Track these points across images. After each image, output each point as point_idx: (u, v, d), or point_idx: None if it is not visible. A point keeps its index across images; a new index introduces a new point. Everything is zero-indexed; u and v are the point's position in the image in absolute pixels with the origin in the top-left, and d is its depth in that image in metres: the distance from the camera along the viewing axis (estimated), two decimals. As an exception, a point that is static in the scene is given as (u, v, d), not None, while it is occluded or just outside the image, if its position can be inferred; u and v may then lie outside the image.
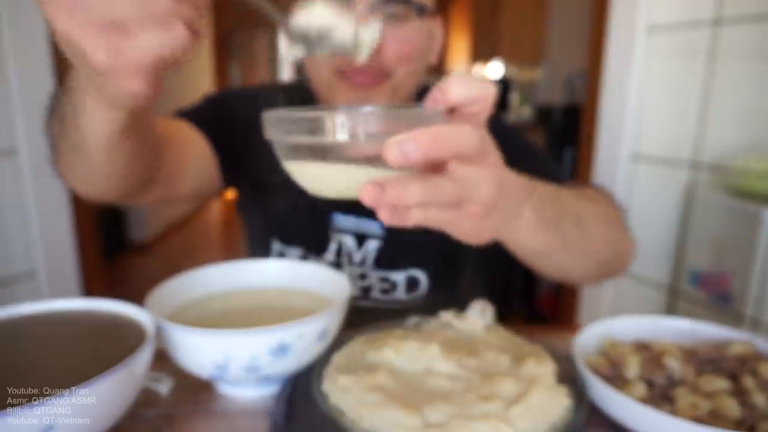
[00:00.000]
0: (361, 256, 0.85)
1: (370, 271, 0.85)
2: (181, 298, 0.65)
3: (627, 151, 1.71)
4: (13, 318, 0.55)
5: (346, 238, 0.85)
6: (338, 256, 0.86)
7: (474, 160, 0.34)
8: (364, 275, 0.86)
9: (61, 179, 0.61)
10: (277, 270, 0.72)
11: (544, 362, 0.56)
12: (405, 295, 0.86)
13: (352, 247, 0.85)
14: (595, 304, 1.87)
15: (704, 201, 1.65)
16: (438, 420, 0.47)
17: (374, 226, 0.84)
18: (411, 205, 0.33)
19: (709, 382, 0.55)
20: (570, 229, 0.49)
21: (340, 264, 0.86)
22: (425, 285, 0.85)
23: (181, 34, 0.33)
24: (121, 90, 0.35)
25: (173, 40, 0.33)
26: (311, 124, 0.34)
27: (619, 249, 0.62)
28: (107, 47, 0.32)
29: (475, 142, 0.33)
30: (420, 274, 0.85)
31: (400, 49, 0.71)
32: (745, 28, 1.45)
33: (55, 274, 1.68)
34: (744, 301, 1.48)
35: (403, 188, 0.32)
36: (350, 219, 0.84)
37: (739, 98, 1.70)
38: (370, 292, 0.86)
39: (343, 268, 0.86)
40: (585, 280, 0.66)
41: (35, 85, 1.58)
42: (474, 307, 0.64)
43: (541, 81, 3.85)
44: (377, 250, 0.84)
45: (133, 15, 0.31)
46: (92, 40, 0.32)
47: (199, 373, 0.56)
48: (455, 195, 0.34)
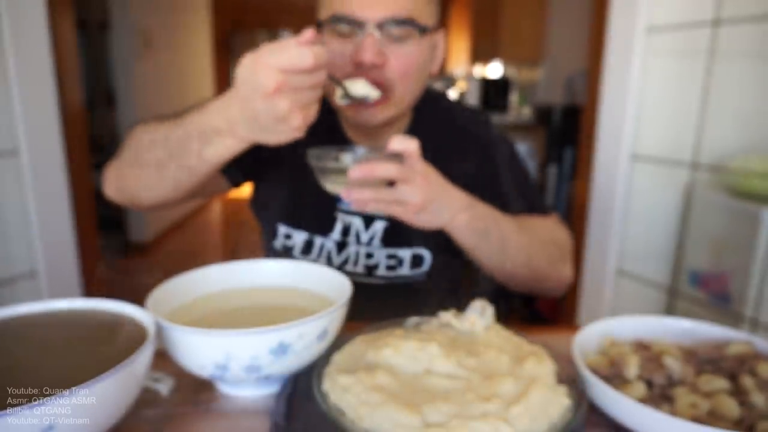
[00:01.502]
0: (368, 236, 0.90)
1: (377, 249, 0.90)
2: (182, 298, 0.65)
3: (627, 151, 1.71)
4: (13, 318, 0.55)
5: (353, 219, 0.90)
6: (344, 236, 0.90)
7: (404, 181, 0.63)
8: (371, 254, 0.90)
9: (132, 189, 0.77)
10: (278, 270, 0.72)
11: (544, 362, 0.56)
12: (409, 271, 0.91)
13: (360, 228, 0.90)
14: (595, 304, 1.87)
15: (704, 201, 1.65)
16: (438, 420, 0.48)
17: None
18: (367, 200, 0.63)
19: (708, 382, 0.55)
20: (494, 241, 0.74)
21: (345, 243, 0.90)
22: (429, 262, 0.90)
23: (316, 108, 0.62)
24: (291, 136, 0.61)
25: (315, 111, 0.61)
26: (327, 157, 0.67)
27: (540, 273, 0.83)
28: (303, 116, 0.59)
29: (393, 171, 0.62)
30: (425, 252, 0.90)
31: (401, 67, 0.77)
32: (745, 28, 1.45)
33: (56, 274, 1.68)
34: (743, 301, 1.48)
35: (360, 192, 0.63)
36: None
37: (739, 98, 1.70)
38: (375, 269, 0.90)
39: (349, 247, 0.90)
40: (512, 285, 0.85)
41: (36, 86, 1.58)
42: (474, 307, 0.64)
43: (541, 81, 3.85)
44: (384, 229, 0.89)
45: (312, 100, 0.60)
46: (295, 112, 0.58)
47: (200, 373, 0.56)
48: (393, 197, 0.64)
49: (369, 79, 0.76)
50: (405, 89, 0.80)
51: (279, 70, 0.55)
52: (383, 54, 0.75)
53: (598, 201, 1.84)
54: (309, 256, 0.91)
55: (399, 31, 0.75)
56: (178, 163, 0.68)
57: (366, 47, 0.73)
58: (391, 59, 0.76)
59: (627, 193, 1.73)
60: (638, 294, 1.77)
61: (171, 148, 0.68)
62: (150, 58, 3.94)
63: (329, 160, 0.66)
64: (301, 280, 0.70)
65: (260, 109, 0.57)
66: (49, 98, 1.63)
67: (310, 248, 0.90)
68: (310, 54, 0.55)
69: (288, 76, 0.55)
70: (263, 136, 0.61)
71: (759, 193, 1.52)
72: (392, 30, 0.75)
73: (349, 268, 0.90)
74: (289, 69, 0.55)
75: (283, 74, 0.55)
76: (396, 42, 0.76)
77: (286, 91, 0.56)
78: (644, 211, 1.76)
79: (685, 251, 1.68)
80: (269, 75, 0.55)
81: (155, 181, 0.73)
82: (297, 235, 0.90)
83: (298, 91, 0.57)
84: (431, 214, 0.67)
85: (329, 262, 0.90)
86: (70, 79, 1.71)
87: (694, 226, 1.64)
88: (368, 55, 0.73)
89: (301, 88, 0.57)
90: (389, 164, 0.61)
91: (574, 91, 2.97)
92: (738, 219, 1.52)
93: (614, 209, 1.75)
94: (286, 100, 0.56)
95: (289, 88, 0.56)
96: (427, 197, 0.65)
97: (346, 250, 0.90)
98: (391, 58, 0.76)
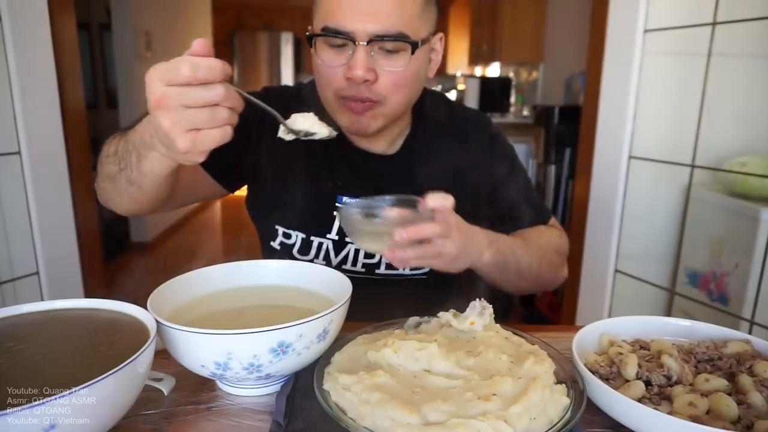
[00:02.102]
0: None
1: None
2: (183, 298, 0.65)
3: (626, 152, 1.71)
4: (15, 317, 0.56)
5: None
6: (342, 235, 0.89)
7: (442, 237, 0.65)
8: (371, 253, 0.90)
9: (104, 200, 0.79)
10: (278, 270, 0.72)
11: (543, 361, 0.57)
12: (410, 270, 0.91)
13: None
14: (594, 304, 1.88)
15: (702, 201, 1.65)
16: (437, 419, 0.48)
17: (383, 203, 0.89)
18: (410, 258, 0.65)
19: (706, 381, 0.55)
20: (512, 269, 0.80)
21: (343, 242, 0.90)
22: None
23: (229, 132, 0.54)
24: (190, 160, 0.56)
25: (225, 136, 0.54)
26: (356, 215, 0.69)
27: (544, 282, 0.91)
28: (190, 138, 0.52)
29: (437, 230, 0.64)
30: None
31: (393, 80, 0.77)
32: (743, 30, 1.45)
33: (57, 274, 1.68)
34: (741, 300, 1.48)
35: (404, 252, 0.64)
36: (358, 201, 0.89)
37: (737, 99, 1.70)
38: (376, 268, 0.91)
39: (347, 245, 0.90)
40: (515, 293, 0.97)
41: (38, 86, 1.59)
42: (473, 307, 0.65)
43: (541, 82, 3.85)
44: None
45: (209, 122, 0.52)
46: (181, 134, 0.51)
47: (201, 373, 0.56)
48: (433, 252, 0.66)
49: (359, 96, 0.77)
50: (397, 99, 0.80)
51: (158, 81, 0.51)
52: (374, 70, 0.75)
53: (597, 201, 1.84)
54: (307, 256, 0.91)
55: (391, 44, 0.75)
56: (125, 176, 0.67)
57: (357, 63, 0.74)
58: (382, 74, 0.76)
59: (626, 194, 1.74)
60: (637, 294, 1.78)
61: (119, 161, 0.67)
62: (151, 59, 3.94)
63: (359, 218, 0.67)
64: (301, 280, 0.71)
65: (154, 123, 0.53)
66: (50, 99, 1.63)
67: (308, 247, 0.91)
68: (187, 65, 0.50)
69: (169, 90, 0.50)
70: (165, 152, 0.57)
71: (757, 194, 1.52)
72: (383, 44, 0.75)
73: (348, 267, 0.91)
74: (166, 81, 0.50)
75: (164, 87, 0.50)
76: (388, 55, 0.76)
77: (171, 108, 0.51)
78: (643, 212, 1.76)
79: (684, 251, 1.68)
80: (152, 87, 0.51)
81: (114, 194, 0.74)
82: (295, 234, 0.91)
83: (187, 109, 0.51)
84: (464, 259, 0.70)
85: (328, 260, 0.90)
86: (71, 80, 1.72)
87: (692, 226, 1.65)
88: (359, 72, 0.74)
89: (189, 105, 0.51)
90: (432, 225, 0.64)
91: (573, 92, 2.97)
92: (736, 219, 1.53)
93: (613, 209, 1.75)
94: (167, 117, 0.51)
95: (174, 103, 0.50)
96: (462, 246, 0.67)
97: (345, 249, 0.90)
98: (382, 73, 0.76)
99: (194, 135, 0.52)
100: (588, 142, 1.85)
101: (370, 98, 0.77)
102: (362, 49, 0.74)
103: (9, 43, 1.48)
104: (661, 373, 0.56)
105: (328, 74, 0.78)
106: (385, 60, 0.76)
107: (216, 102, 0.51)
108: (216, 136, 0.53)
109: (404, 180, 0.90)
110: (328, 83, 0.79)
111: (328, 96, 0.81)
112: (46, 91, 1.61)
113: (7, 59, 1.49)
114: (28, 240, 1.61)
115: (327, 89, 0.80)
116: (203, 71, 0.50)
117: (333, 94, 0.79)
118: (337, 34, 0.74)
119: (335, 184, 0.90)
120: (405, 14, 0.74)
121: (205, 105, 0.51)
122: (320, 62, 0.78)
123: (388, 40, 0.74)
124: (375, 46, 0.74)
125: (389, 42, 0.74)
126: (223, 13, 6.31)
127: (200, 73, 0.50)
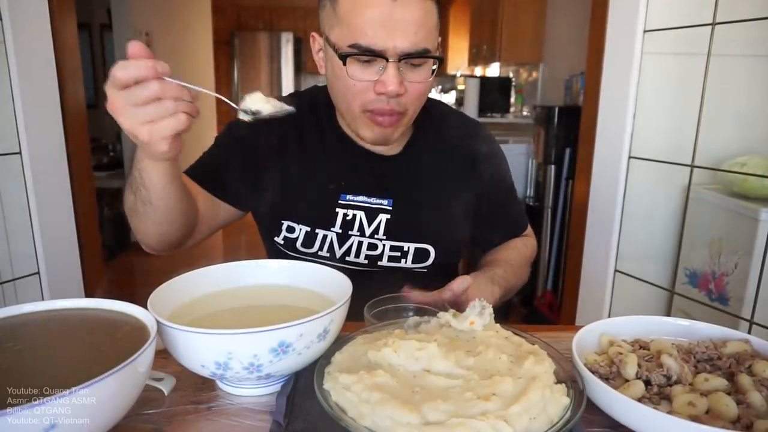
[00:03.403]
0: (372, 228, 0.92)
1: (381, 241, 0.93)
2: (183, 298, 0.65)
3: (626, 152, 1.71)
4: (15, 317, 0.56)
5: (357, 212, 0.93)
6: (345, 228, 0.92)
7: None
8: (374, 245, 0.93)
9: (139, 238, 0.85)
10: (278, 270, 0.72)
11: (543, 361, 0.57)
12: (412, 264, 0.94)
13: (364, 220, 0.93)
14: (593, 304, 1.88)
15: (702, 201, 1.65)
16: (437, 418, 0.48)
17: (384, 201, 0.93)
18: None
19: (706, 381, 0.55)
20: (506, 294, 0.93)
21: (347, 235, 0.92)
22: (433, 257, 0.94)
23: (184, 119, 0.59)
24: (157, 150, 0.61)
25: (180, 123, 0.59)
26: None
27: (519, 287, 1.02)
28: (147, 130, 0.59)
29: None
30: (429, 248, 0.94)
31: (417, 92, 0.83)
32: (743, 30, 1.45)
33: (58, 273, 1.68)
34: (741, 300, 1.49)
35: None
36: (360, 197, 0.93)
37: (737, 99, 1.70)
38: (378, 260, 0.94)
39: (351, 238, 0.92)
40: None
41: (38, 86, 1.59)
42: (473, 307, 0.65)
43: (541, 82, 3.85)
44: (387, 222, 0.93)
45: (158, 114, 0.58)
46: (139, 128, 0.59)
47: (201, 373, 0.56)
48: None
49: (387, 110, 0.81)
50: (417, 108, 0.87)
51: (110, 89, 0.58)
52: (403, 84, 0.80)
53: (597, 201, 1.84)
54: (311, 248, 0.92)
55: (419, 60, 0.80)
56: (140, 199, 0.73)
57: (390, 79, 0.78)
58: (409, 87, 0.81)
59: (626, 194, 1.74)
60: (637, 294, 1.78)
61: (132, 189, 0.73)
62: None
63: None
64: (302, 280, 0.71)
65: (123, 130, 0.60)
66: (51, 99, 1.63)
67: (312, 240, 0.92)
68: (118, 69, 0.56)
69: (117, 94, 0.57)
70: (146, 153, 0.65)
71: (757, 194, 1.52)
72: (412, 60, 0.79)
73: (351, 258, 0.93)
74: (111, 86, 0.57)
75: (113, 92, 0.57)
76: (413, 69, 0.81)
77: (122, 109, 0.58)
78: (643, 212, 1.76)
79: (684, 251, 1.68)
80: (108, 92, 0.58)
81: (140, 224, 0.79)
82: (299, 228, 0.92)
83: (137, 108, 0.57)
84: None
85: (332, 252, 0.92)
86: (71, 80, 1.72)
87: (692, 226, 1.65)
88: (392, 87, 0.78)
89: (135, 104, 0.57)
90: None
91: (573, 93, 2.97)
92: (736, 219, 1.53)
93: (613, 209, 1.75)
94: (123, 119, 0.59)
95: (123, 104, 0.58)
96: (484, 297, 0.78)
97: (349, 241, 0.92)
98: (409, 86, 0.81)
99: (150, 126, 0.58)
100: (588, 142, 1.86)
101: (398, 111, 0.83)
102: (394, 65, 0.78)
103: (9, 43, 1.48)
104: (660, 373, 0.56)
105: (356, 89, 0.81)
106: (411, 73, 0.81)
107: (157, 96, 0.57)
108: (170, 125, 0.59)
109: (405, 179, 0.95)
110: (355, 97, 0.82)
111: (353, 108, 0.84)
112: (46, 91, 1.61)
113: (8, 59, 1.49)
114: (28, 240, 1.61)
115: (353, 102, 0.83)
116: (132, 71, 0.56)
117: (359, 107, 0.83)
118: (370, 52, 0.77)
119: (338, 184, 0.93)
120: (427, 29, 0.78)
121: (147, 101, 0.57)
122: (348, 77, 0.80)
123: (416, 57, 0.78)
124: (403, 61, 0.79)
125: (417, 59, 0.79)
126: (223, 13, 6.31)
127: (131, 73, 0.56)
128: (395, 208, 0.93)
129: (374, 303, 0.75)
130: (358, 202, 0.93)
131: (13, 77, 1.50)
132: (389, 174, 0.95)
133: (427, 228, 0.94)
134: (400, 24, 0.76)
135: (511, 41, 3.86)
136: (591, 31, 1.84)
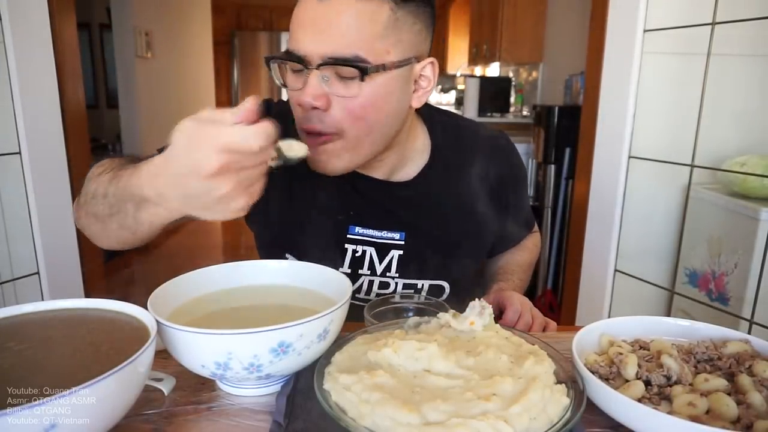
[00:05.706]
0: (384, 266, 0.86)
1: (393, 279, 0.87)
2: (183, 298, 0.65)
3: (625, 152, 1.71)
4: (15, 317, 0.56)
5: (366, 248, 0.86)
6: (355, 267, 0.86)
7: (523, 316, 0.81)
8: (386, 284, 0.87)
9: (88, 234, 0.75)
10: (278, 270, 0.72)
11: (543, 361, 0.57)
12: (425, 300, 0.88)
13: (375, 258, 0.86)
14: (593, 304, 1.88)
15: (702, 201, 1.65)
16: (437, 418, 0.48)
17: (396, 235, 0.85)
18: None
19: (706, 381, 0.55)
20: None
21: (357, 274, 0.86)
22: (448, 292, 0.89)
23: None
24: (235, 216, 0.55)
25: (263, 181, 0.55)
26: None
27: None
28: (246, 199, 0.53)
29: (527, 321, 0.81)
30: (444, 284, 0.88)
31: (348, 109, 0.69)
32: (742, 30, 1.45)
33: (57, 274, 1.68)
34: (741, 300, 1.49)
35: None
36: (369, 231, 0.85)
37: (737, 99, 1.70)
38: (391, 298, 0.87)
39: (361, 277, 0.87)
40: None
41: (38, 87, 1.59)
42: (473, 307, 0.65)
43: (541, 82, 3.85)
44: (399, 258, 0.86)
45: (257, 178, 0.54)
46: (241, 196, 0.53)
47: (201, 373, 0.56)
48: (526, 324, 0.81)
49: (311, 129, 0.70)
50: (357, 132, 0.71)
51: (221, 150, 0.49)
52: (324, 96, 0.68)
53: (597, 201, 1.84)
54: None
55: (345, 70, 0.67)
56: (117, 221, 0.64)
57: (306, 89, 0.67)
58: (335, 102, 0.69)
59: (626, 193, 1.74)
60: (637, 293, 1.78)
61: (110, 204, 0.64)
62: (151, 59, 3.95)
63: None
64: (301, 280, 0.71)
65: (198, 189, 0.51)
66: (50, 99, 1.63)
67: None
68: (261, 135, 0.49)
69: (232, 156, 0.49)
70: (201, 214, 0.55)
71: (756, 193, 1.52)
72: (337, 69, 0.67)
73: (362, 296, 0.88)
74: (234, 150, 0.49)
75: (227, 155, 0.49)
76: (342, 81, 0.68)
77: (229, 173, 0.50)
78: (643, 211, 1.76)
79: (684, 251, 1.68)
80: (210, 155, 0.48)
81: (101, 233, 0.71)
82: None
83: (242, 171, 0.51)
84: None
85: None
86: (71, 80, 1.72)
87: (692, 226, 1.65)
88: (305, 98, 0.68)
89: (246, 167, 0.51)
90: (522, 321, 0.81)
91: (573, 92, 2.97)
92: (736, 219, 1.53)
93: (613, 209, 1.75)
94: (229, 182, 0.50)
95: (235, 169, 0.50)
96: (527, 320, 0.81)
97: (359, 280, 0.87)
98: (335, 100, 0.69)
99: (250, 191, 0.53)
100: (588, 142, 1.86)
101: (325, 131, 0.70)
102: (314, 73, 0.67)
103: (9, 43, 1.48)
104: (660, 373, 0.56)
105: (292, 101, 0.72)
106: (340, 86, 0.68)
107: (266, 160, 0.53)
108: (261, 187, 0.55)
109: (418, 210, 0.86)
110: (294, 110, 0.73)
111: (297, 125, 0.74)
112: (46, 91, 1.61)
113: (8, 59, 1.49)
114: (28, 240, 1.61)
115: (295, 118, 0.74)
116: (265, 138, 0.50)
117: (298, 125, 0.73)
118: (290, 56, 0.68)
119: (346, 215, 0.85)
120: (363, 35, 0.66)
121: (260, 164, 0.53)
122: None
123: (340, 64, 0.66)
124: (329, 71, 0.67)
125: (342, 67, 0.66)
126: (223, 13, 6.31)
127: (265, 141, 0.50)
128: (408, 242, 0.85)
129: (374, 303, 0.75)
130: (367, 237, 0.85)
131: (13, 77, 1.50)
132: (401, 204, 0.85)
133: (442, 264, 0.87)
134: (325, 27, 0.66)
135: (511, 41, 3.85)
136: (591, 31, 1.84)
